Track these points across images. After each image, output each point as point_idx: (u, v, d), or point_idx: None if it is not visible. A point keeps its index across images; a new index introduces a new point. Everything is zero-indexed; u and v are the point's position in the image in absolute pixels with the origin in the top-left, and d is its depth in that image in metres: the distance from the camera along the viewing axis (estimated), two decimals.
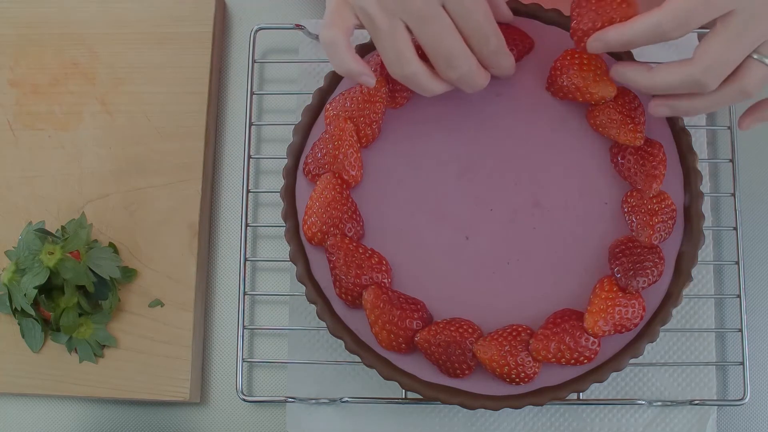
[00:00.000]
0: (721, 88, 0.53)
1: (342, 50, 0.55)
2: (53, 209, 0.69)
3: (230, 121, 0.73)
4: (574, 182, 0.61)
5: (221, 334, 0.69)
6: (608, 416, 0.66)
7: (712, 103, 0.54)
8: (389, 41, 0.54)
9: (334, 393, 0.66)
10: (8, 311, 0.65)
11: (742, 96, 0.52)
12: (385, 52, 0.55)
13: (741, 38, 0.50)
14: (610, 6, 0.54)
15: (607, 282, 0.57)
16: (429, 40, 0.54)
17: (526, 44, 0.61)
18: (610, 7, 0.54)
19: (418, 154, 0.62)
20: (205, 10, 0.72)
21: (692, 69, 0.51)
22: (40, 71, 0.72)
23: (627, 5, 0.54)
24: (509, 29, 0.61)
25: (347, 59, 0.55)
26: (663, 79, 0.53)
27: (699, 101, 0.54)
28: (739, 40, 0.50)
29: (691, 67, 0.51)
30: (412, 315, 0.57)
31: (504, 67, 0.59)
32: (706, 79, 0.51)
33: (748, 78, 0.52)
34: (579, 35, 0.56)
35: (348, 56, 0.55)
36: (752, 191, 0.69)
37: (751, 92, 0.52)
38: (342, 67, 0.56)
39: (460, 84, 0.57)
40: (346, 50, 0.55)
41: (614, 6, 0.54)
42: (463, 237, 0.61)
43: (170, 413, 0.68)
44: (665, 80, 0.53)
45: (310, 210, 0.59)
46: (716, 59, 0.50)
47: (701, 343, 0.66)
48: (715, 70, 0.51)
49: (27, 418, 0.68)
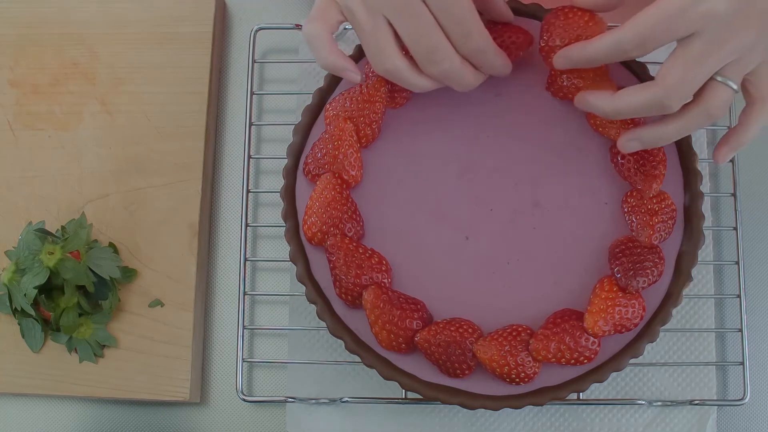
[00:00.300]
0: (686, 111, 0.53)
1: (324, 44, 0.55)
2: (53, 209, 0.69)
3: (230, 121, 0.73)
4: (574, 182, 0.61)
5: (221, 334, 0.69)
6: (608, 416, 0.66)
7: (678, 128, 0.54)
8: (371, 37, 0.54)
9: (334, 393, 0.66)
10: (8, 311, 0.65)
11: (707, 118, 0.53)
12: (367, 48, 0.55)
13: (702, 61, 0.50)
14: (577, 24, 0.57)
15: (607, 282, 0.57)
16: (409, 35, 0.54)
17: (523, 40, 0.61)
18: (577, 25, 0.57)
19: (418, 154, 0.62)
20: (205, 10, 0.72)
21: (654, 90, 0.51)
22: (40, 71, 0.72)
23: (594, 24, 0.57)
24: (507, 26, 0.61)
25: (329, 53, 0.55)
26: (626, 102, 0.53)
27: (665, 127, 0.54)
28: (700, 63, 0.50)
29: (654, 89, 0.51)
30: (412, 315, 0.57)
31: (494, 66, 0.58)
32: (669, 100, 0.51)
33: (712, 100, 0.52)
34: (546, 51, 0.58)
35: (330, 50, 0.56)
36: (752, 191, 0.69)
37: (716, 114, 0.53)
38: (324, 61, 0.56)
39: (445, 80, 0.57)
40: (328, 44, 0.55)
41: (581, 24, 0.57)
42: (463, 237, 0.61)
43: (170, 413, 0.68)
44: (628, 103, 0.53)
45: (310, 210, 0.59)
46: (677, 80, 0.51)
47: (701, 343, 0.66)
48: (677, 90, 0.51)
49: (27, 418, 0.68)
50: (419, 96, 0.62)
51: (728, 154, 0.57)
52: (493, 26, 0.60)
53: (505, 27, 0.60)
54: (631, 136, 0.56)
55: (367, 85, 0.60)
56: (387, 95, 0.61)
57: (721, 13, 0.48)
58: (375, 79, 0.60)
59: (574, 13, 0.57)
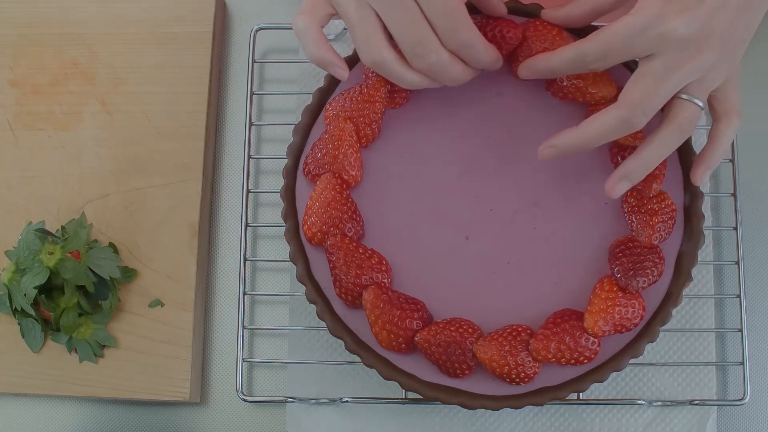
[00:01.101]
0: (659, 133, 0.54)
1: (312, 38, 0.55)
2: (53, 209, 0.69)
3: (230, 121, 0.73)
4: (574, 182, 0.61)
5: (221, 334, 0.69)
6: (608, 416, 0.66)
7: (655, 150, 0.54)
8: (359, 27, 0.54)
9: (334, 393, 0.66)
10: (8, 311, 0.65)
11: (680, 135, 0.54)
12: (355, 39, 0.55)
13: (663, 80, 0.51)
14: (545, 37, 0.59)
15: (607, 282, 0.57)
16: (395, 27, 0.54)
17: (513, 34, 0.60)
18: (545, 38, 0.59)
19: (418, 154, 0.62)
20: (205, 10, 0.72)
21: (618, 110, 0.52)
22: (40, 71, 0.72)
23: (560, 38, 0.59)
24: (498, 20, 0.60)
25: (317, 47, 0.55)
26: (594, 128, 0.54)
27: (643, 154, 0.55)
28: (661, 82, 0.51)
29: (617, 109, 0.52)
30: (412, 315, 0.57)
31: (483, 61, 0.57)
32: (634, 117, 0.52)
33: (680, 116, 0.53)
34: (518, 62, 0.60)
35: (318, 44, 0.55)
36: (752, 191, 0.69)
37: (687, 130, 0.54)
38: (312, 54, 0.56)
39: (434, 75, 0.56)
40: (317, 38, 0.55)
41: (549, 38, 0.59)
42: (463, 237, 0.61)
43: (170, 413, 0.68)
44: (597, 128, 0.53)
45: (310, 210, 0.59)
46: (640, 98, 0.52)
47: (701, 343, 0.66)
48: (640, 107, 0.52)
49: (27, 418, 0.68)
50: (419, 96, 0.62)
51: (705, 173, 0.58)
52: (486, 21, 0.60)
53: (497, 21, 0.60)
54: (616, 178, 0.56)
55: (367, 85, 0.60)
56: (387, 95, 0.61)
57: (680, 36, 0.50)
58: (375, 79, 0.60)
59: (544, 26, 0.59)
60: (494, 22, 0.60)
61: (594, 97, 0.60)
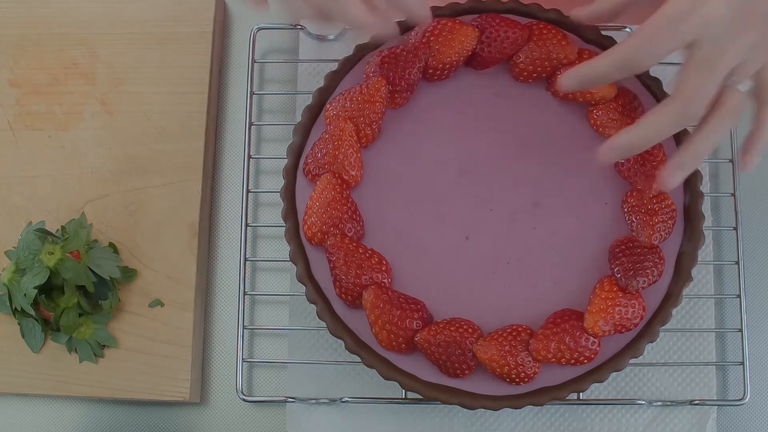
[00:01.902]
0: (709, 120, 0.53)
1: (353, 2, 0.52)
2: (53, 209, 0.69)
3: (230, 121, 0.73)
4: (574, 182, 0.61)
5: (221, 334, 0.69)
6: (608, 416, 0.66)
7: (707, 137, 0.53)
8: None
9: (334, 393, 0.66)
10: (8, 311, 0.65)
11: (730, 120, 0.53)
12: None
13: (711, 66, 0.50)
14: (551, 42, 0.60)
15: (607, 282, 0.57)
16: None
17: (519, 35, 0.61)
18: (551, 43, 0.60)
19: (418, 154, 0.62)
20: (205, 10, 0.72)
21: (675, 104, 0.52)
22: (40, 71, 0.72)
23: (566, 43, 0.60)
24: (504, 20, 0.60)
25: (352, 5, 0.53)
26: (652, 125, 0.53)
27: (696, 142, 0.54)
28: (710, 68, 0.50)
29: (673, 103, 0.52)
30: (412, 315, 0.57)
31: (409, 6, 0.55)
32: (691, 109, 0.51)
33: (729, 102, 0.52)
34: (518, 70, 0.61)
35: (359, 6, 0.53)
36: (752, 191, 0.69)
37: (737, 113, 0.53)
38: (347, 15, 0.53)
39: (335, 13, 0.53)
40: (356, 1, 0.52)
41: (554, 43, 0.59)
42: (463, 237, 0.61)
43: (170, 413, 0.68)
44: (654, 125, 0.52)
45: (310, 210, 0.59)
46: (694, 88, 0.51)
47: (701, 343, 0.66)
48: (697, 98, 0.51)
49: (27, 418, 0.68)
50: (419, 96, 0.62)
51: (755, 158, 0.56)
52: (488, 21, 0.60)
53: (501, 21, 0.60)
54: (670, 169, 0.54)
55: (367, 85, 0.60)
56: (387, 95, 0.61)
57: (722, 16, 0.49)
58: (375, 79, 0.60)
59: (549, 30, 0.59)
60: (498, 22, 0.60)
61: (594, 97, 0.60)
